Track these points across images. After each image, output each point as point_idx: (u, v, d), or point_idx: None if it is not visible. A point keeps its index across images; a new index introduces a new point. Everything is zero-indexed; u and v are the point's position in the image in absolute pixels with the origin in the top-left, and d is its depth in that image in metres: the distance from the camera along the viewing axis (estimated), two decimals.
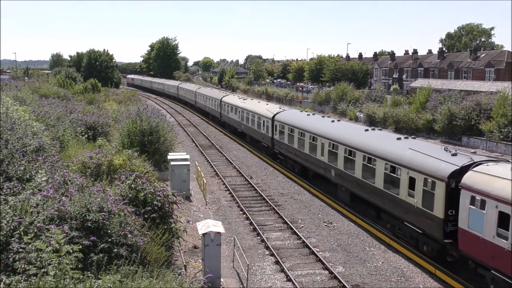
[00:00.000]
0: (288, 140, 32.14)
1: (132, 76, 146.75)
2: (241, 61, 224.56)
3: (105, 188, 14.42)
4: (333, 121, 29.24)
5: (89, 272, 10.22)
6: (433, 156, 18.11)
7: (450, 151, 18.37)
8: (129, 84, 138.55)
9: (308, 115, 33.16)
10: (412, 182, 18.52)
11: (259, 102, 45.66)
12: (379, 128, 26.33)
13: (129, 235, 12.42)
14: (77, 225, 11.58)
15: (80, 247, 10.44)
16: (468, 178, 15.90)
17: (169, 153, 29.36)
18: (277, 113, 35.60)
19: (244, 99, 48.78)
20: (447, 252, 17.30)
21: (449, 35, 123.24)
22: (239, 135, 46.94)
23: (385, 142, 21.80)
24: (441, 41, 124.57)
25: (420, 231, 18.24)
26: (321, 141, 26.97)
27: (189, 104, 78.52)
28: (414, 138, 22.74)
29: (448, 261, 17.30)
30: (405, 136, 22.49)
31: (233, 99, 51.16)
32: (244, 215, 23.57)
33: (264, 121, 37.35)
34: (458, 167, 16.66)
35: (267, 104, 42.54)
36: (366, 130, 24.90)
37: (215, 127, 56.80)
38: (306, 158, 29.17)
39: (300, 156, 30.13)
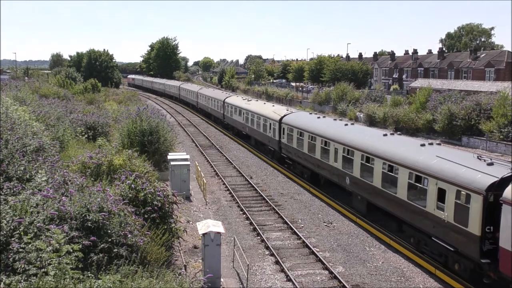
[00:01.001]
0: (297, 144, 30.39)
1: (133, 76, 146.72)
2: (241, 61, 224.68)
3: (105, 188, 14.42)
4: (346, 124, 27.39)
5: (89, 272, 10.22)
6: (466, 166, 16.42)
7: (485, 160, 16.69)
8: (130, 84, 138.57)
9: (319, 117, 31.21)
10: (441, 194, 16.82)
11: (264, 103, 43.97)
12: (399, 132, 24.33)
13: (129, 235, 12.42)
14: (77, 225, 11.58)
15: (80, 247, 10.44)
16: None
17: (169, 153, 29.36)
18: (284, 116, 33.97)
19: (248, 100, 46.93)
20: (483, 273, 15.66)
21: (449, 35, 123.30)
22: (243, 138, 45.42)
23: (408, 149, 20.01)
24: (441, 41, 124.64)
25: (452, 249, 16.43)
26: (334, 146, 25.20)
27: (190, 105, 77.35)
28: (439, 144, 20.95)
29: (484, 283, 15.71)
30: (430, 142, 20.76)
31: (237, 100, 49.49)
32: (244, 215, 23.57)
33: (270, 124, 35.73)
34: (497, 179, 15.03)
35: (273, 106, 40.84)
36: (385, 135, 22.99)
37: (215, 126, 56.77)
38: (317, 164, 27.49)
39: (311, 161, 28.47)
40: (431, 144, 20.28)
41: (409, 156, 19.25)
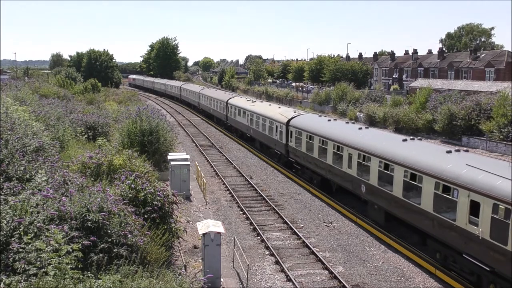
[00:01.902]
0: (306, 148, 28.83)
1: (134, 76, 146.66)
2: (241, 61, 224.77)
3: (105, 188, 14.42)
4: (360, 128, 25.62)
5: (89, 272, 10.22)
6: (503, 176, 14.98)
7: None
8: (131, 84, 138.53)
9: (329, 120, 29.54)
10: (475, 207, 15.35)
11: (270, 105, 42.53)
12: (419, 137, 22.73)
13: (129, 235, 12.42)
14: (77, 225, 11.57)
15: (80, 247, 10.44)
16: None
17: (169, 153, 29.35)
18: (292, 118, 32.41)
19: (253, 102, 45.23)
20: None
21: (449, 35, 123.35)
22: (247, 140, 44.09)
23: (433, 156, 18.44)
24: (441, 41, 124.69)
25: (487, 268, 14.94)
26: (348, 151, 23.66)
27: (192, 106, 76.07)
28: (466, 151, 19.08)
29: None
30: (456, 148, 19.23)
31: (240, 101, 47.82)
32: (244, 215, 23.57)
33: (277, 126, 34.21)
34: None
35: (279, 107, 38.94)
36: (405, 140, 21.51)
37: (217, 128, 56.73)
38: (329, 170, 25.91)
39: (321, 166, 26.88)
40: (458, 150, 18.71)
41: (434, 164, 17.65)
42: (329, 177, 26.28)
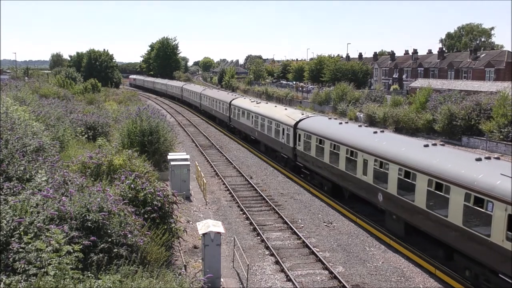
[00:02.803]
0: (316, 152, 27.23)
1: (134, 76, 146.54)
2: (241, 61, 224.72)
3: (105, 188, 14.42)
4: (375, 132, 24.08)
5: (89, 272, 10.22)
6: None
7: None
8: (131, 84, 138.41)
9: (341, 123, 27.82)
10: None
11: (275, 106, 41.13)
12: (441, 143, 20.81)
13: (129, 235, 12.42)
14: (77, 225, 11.57)
15: (80, 247, 10.44)
16: None
17: (169, 153, 29.35)
18: (300, 120, 30.90)
19: (257, 103, 43.78)
20: None
21: (449, 35, 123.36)
22: (251, 142, 42.75)
23: (461, 164, 17.03)
24: (441, 41, 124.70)
25: None
26: (363, 157, 22.21)
27: (193, 107, 74.77)
28: (497, 158, 17.58)
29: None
30: (486, 156, 17.87)
31: (244, 102, 46.38)
32: (244, 215, 23.57)
33: (284, 129, 32.73)
34: None
35: (286, 109, 37.41)
36: (426, 145, 19.96)
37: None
38: (341, 176, 24.47)
39: (333, 172, 25.38)
40: (488, 158, 17.29)
41: (463, 173, 16.25)
42: (341, 183, 24.88)
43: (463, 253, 16.23)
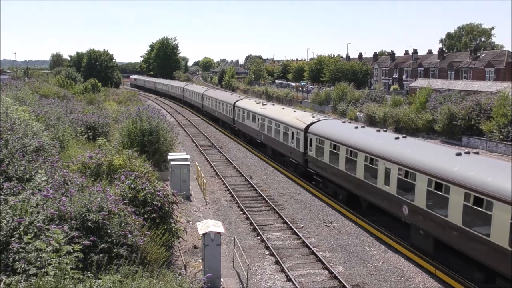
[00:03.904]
0: (330, 159, 25.55)
1: (135, 76, 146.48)
2: (241, 61, 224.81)
3: (105, 188, 14.42)
4: (397, 138, 22.21)
5: (89, 272, 10.21)
6: None
7: None
8: (132, 85, 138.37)
9: (357, 127, 25.89)
10: None
11: (283, 108, 39.22)
12: (475, 150, 19.26)
13: (129, 235, 12.42)
14: (77, 225, 11.57)
15: (80, 247, 10.44)
16: None
17: (169, 153, 29.36)
18: (311, 124, 29.21)
19: (263, 104, 42.02)
20: None
21: (449, 35, 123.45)
22: (256, 146, 41.05)
23: (504, 177, 15.20)
24: (441, 41, 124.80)
25: None
26: (384, 165, 20.51)
27: (195, 108, 73.16)
28: None
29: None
30: None
31: (249, 104, 44.54)
32: (244, 215, 23.57)
33: (293, 133, 31.08)
34: None
35: (294, 111, 35.73)
36: (459, 154, 18.05)
37: (215, 126, 56.72)
38: (359, 185, 22.82)
39: (349, 180, 23.71)
40: None
41: (508, 187, 14.58)
42: (358, 193, 23.23)
43: (510, 278, 14.47)
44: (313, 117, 31.04)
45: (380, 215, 22.24)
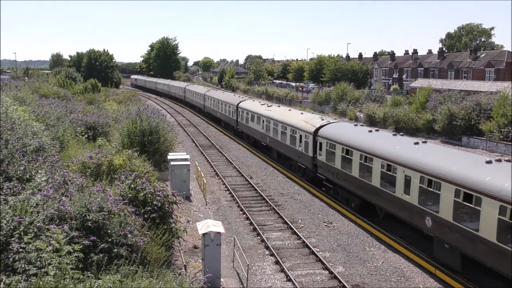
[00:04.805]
0: (342, 164, 24.29)
1: (136, 76, 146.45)
2: (241, 61, 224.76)
3: (105, 188, 14.42)
4: (416, 143, 20.62)
5: (89, 272, 10.22)
6: None
7: None
8: (133, 85, 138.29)
9: (371, 131, 24.49)
10: None
11: (289, 110, 38.06)
12: (507, 159, 17.64)
13: (129, 235, 12.42)
14: (77, 225, 11.57)
15: (81, 247, 10.45)
16: None
17: (169, 153, 29.36)
18: (321, 127, 27.95)
19: (268, 106, 40.81)
20: None
21: (449, 35, 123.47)
22: (261, 148, 40.11)
23: None
24: (441, 41, 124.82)
25: None
26: (404, 173, 19.11)
27: (197, 108, 71.98)
28: None
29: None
30: None
31: (254, 105, 43.27)
32: (244, 215, 23.57)
33: (301, 136, 29.81)
34: None
35: (302, 113, 34.30)
36: (489, 162, 16.59)
37: (214, 126, 56.72)
38: (374, 193, 21.53)
39: (363, 188, 22.40)
40: None
41: None
42: (374, 201, 21.89)
43: None
44: (322, 119, 29.82)
45: (400, 225, 20.96)
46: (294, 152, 31.23)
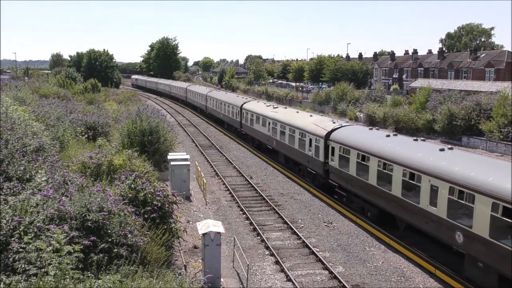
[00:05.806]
0: (357, 171, 22.83)
1: (136, 76, 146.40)
2: (241, 61, 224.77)
3: (105, 188, 14.43)
4: (442, 149, 19.03)
5: (89, 272, 10.22)
6: None
7: None
8: (133, 85, 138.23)
9: (388, 136, 22.81)
10: None
11: (297, 112, 36.62)
12: None
13: (129, 235, 12.42)
14: (77, 225, 11.58)
15: (81, 247, 10.45)
16: None
17: (169, 153, 29.36)
18: (333, 130, 26.39)
19: (274, 107, 39.20)
20: None
21: (449, 35, 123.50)
22: (266, 151, 38.56)
23: None
24: (441, 41, 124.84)
25: None
26: (430, 182, 17.59)
27: (198, 109, 70.64)
28: None
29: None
30: None
31: (258, 106, 41.80)
32: (244, 215, 23.57)
33: (311, 140, 28.29)
34: None
35: (311, 115, 32.78)
36: None
37: (214, 126, 56.72)
38: (395, 203, 20.00)
39: (382, 197, 20.95)
40: None
41: None
42: (394, 212, 20.39)
43: None
44: (334, 122, 28.09)
45: (423, 239, 19.50)
46: (303, 156, 29.69)
